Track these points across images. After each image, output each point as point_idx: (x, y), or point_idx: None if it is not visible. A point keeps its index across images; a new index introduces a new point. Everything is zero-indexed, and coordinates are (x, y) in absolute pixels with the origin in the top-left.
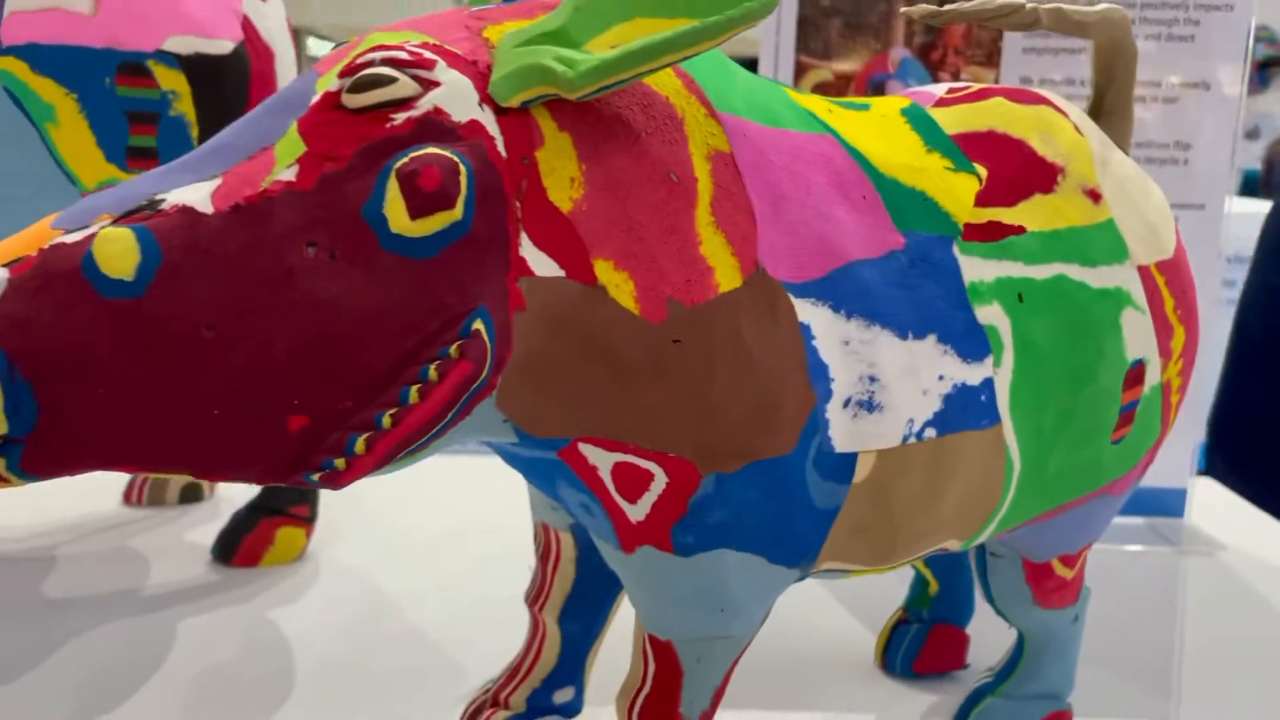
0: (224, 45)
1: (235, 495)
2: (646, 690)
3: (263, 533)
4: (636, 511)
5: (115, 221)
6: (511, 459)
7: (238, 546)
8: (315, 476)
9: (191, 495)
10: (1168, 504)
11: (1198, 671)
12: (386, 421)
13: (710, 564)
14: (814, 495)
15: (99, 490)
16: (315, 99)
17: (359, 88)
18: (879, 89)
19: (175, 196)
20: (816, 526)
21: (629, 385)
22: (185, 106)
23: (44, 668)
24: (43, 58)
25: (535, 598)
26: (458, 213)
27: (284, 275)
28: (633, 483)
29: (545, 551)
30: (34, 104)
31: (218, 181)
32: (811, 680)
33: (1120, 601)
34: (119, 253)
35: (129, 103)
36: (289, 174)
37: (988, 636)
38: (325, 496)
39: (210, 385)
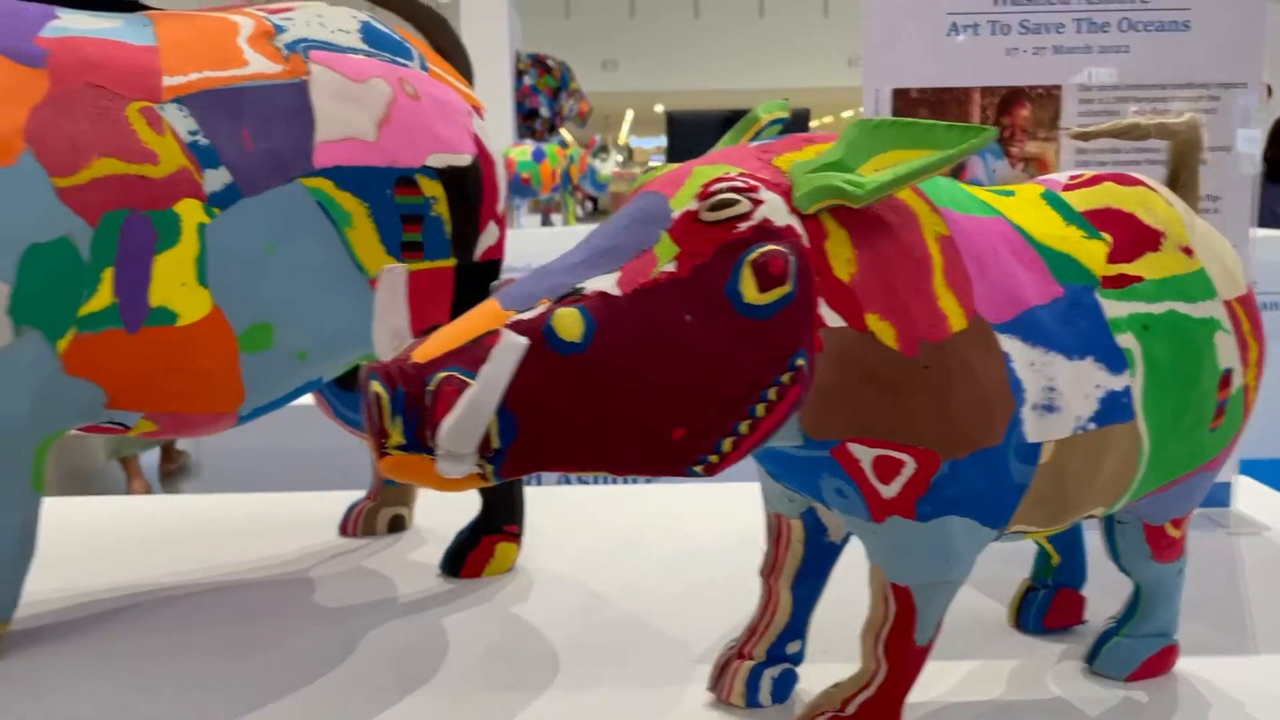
0: (466, 158)
1: (432, 524)
2: (889, 624)
3: (484, 548)
4: (889, 490)
5: (557, 303)
6: (773, 461)
7: (464, 561)
8: (697, 468)
9: (398, 525)
10: (1217, 496)
11: (1254, 620)
12: (744, 429)
13: (941, 527)
14: (1013, 474)
15: (319, 524)
16: (676, 214)
17: (715, 208)
18: (961, 165)
19: (591, 285)
20: (1013, 497)
21: (891, 400)
22: (441, 208)
23: (335, 669)
24: (344, 177)
25: (769, 571)
26: (789, 287)
27: (672, 334)
28: (888, 469)
29: (777, 535)
30: (337, 212)
31: (618, 274)
32: (965, 638)
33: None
34: (570, 324)
35: (403, 207)
36: (670, 267)
37: (1096, 599)
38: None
39: (626, 409)
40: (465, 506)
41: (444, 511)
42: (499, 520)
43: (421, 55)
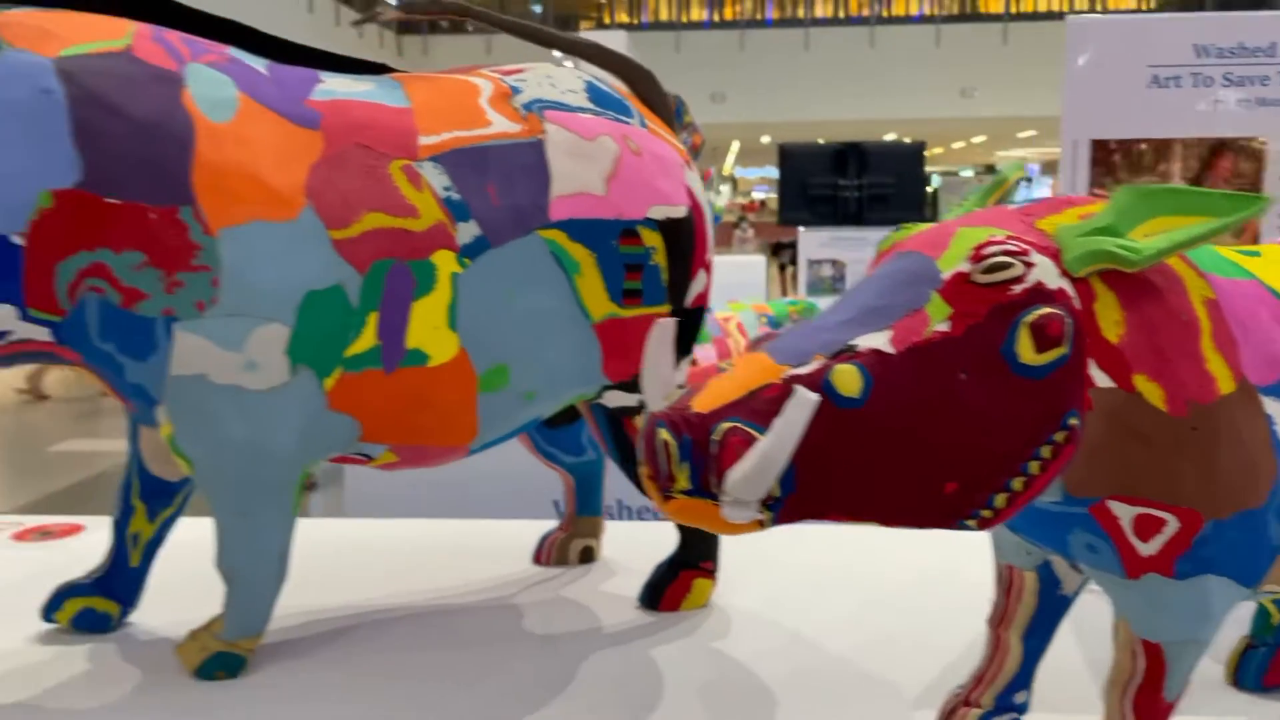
0: (682, 210)
1: (618, 556)
2: (1138, 680)
3: (683, 583)
4: (1147, 548)
5: (832, 359)
6: (1021, 516)
7: (663, 595)
8: (970, 523)
9: (588, 556)
10: None
11: None
12: (1017, 485)
13: (1198, 585)
14: (1272, 535)
15: (510, 551)
16: (946, 276)
17: (989, 270)
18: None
19: (864, 343)
20: (1269, 557)
21: (1157, 460)
22: (660, 257)
23: (561, 695)
24: (575, 228)
25: (999, 621)
26: (1065, 348)
27: (945, 392)
28: (1149, 528)
29: (1009, 586)
30: (568, 261)
31: (890, 332)
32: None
33: None
34: (849, 381)
35: (626, 257)
36: (943, 326)
37: None
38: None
39: (901, 463)
40: (647, 542)
41: (630, 545)
42: (696, 557)
43: (640, 113)
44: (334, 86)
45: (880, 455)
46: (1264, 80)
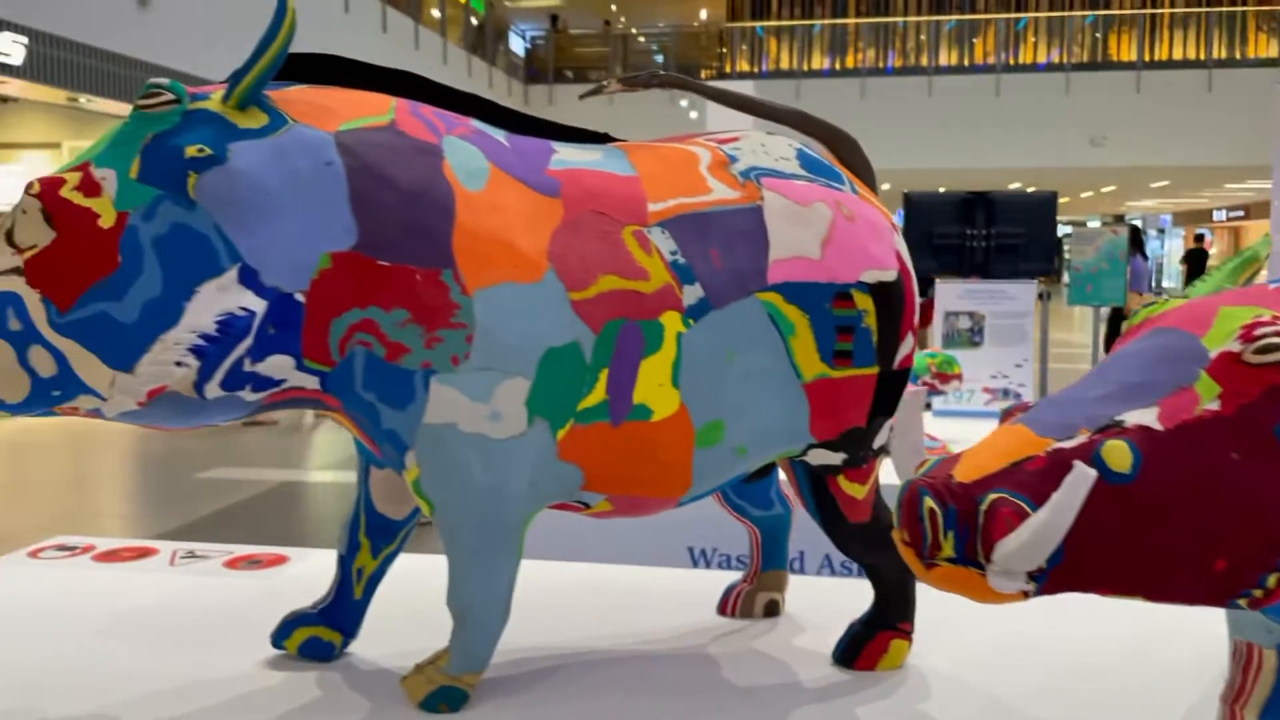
0: (892, 274)
1: (798, 610)
2: None
3: (880, 643)
4: None
5: (1099, 434)
6: None
7: (860, 654)
8: (1241, 602)
9: (772, 610)
10: None
11: None
12: None
13: None
14: None
15: (693, 600)
16: (1213, 354)
17: (1263, 351)
18: None
19: (1131, 418)
20: None
21: None
22: (871, 320)
23: None
24: (791, 291)
25: (1234, 698)
26: None
27: (1216, 470)
28: None
29: (1246, 663)
30: (784, 323)
31: (1156, 409)
32: None
33: None
34: (1120, 457)
35: (839, 319)
36: (1213, 405)
37: None
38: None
39: (1168, 540)
40: (830, 598)
41: (814, 601)
42: (895, 618)
43: (849, 178)
44: (567, 156)
45: (1149, 532)
46: None
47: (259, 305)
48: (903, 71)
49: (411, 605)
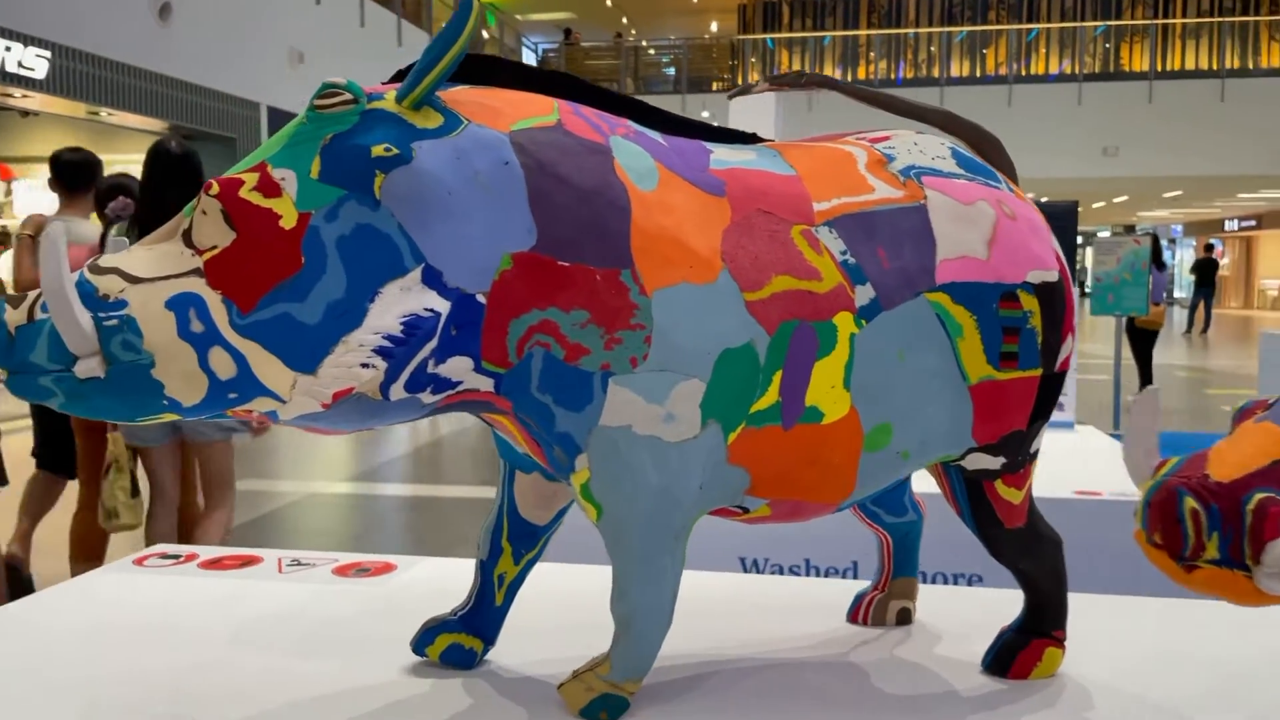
0: (1054, 274)
1: (928, 621)
2: None
3: (1034, 651)
4: None
5: None
6: None
7: (1014, 662)
8: None
9: (905, 618)
10: None
11: None
12: None
13: None
14: None
15: (820, 609)
16: None
17: None
18: None
19: None
20: None
21: None
22: (1036, 321)
23: None
24: (959, 291)
25: None
26: None
27: None
28: None
29: None
30: (951, 324)
31: None
32: None
33: None
34: None
35: (1005, 320)
36: None
37: None
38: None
39: None
40: (956, 605)
41: (941, 608)
42: (1050, 625)
43: (1004, 178)
44: (724, 156)
45: None
46: None
47: (443, 306)
48: (914, 83)
49: (547, 611)
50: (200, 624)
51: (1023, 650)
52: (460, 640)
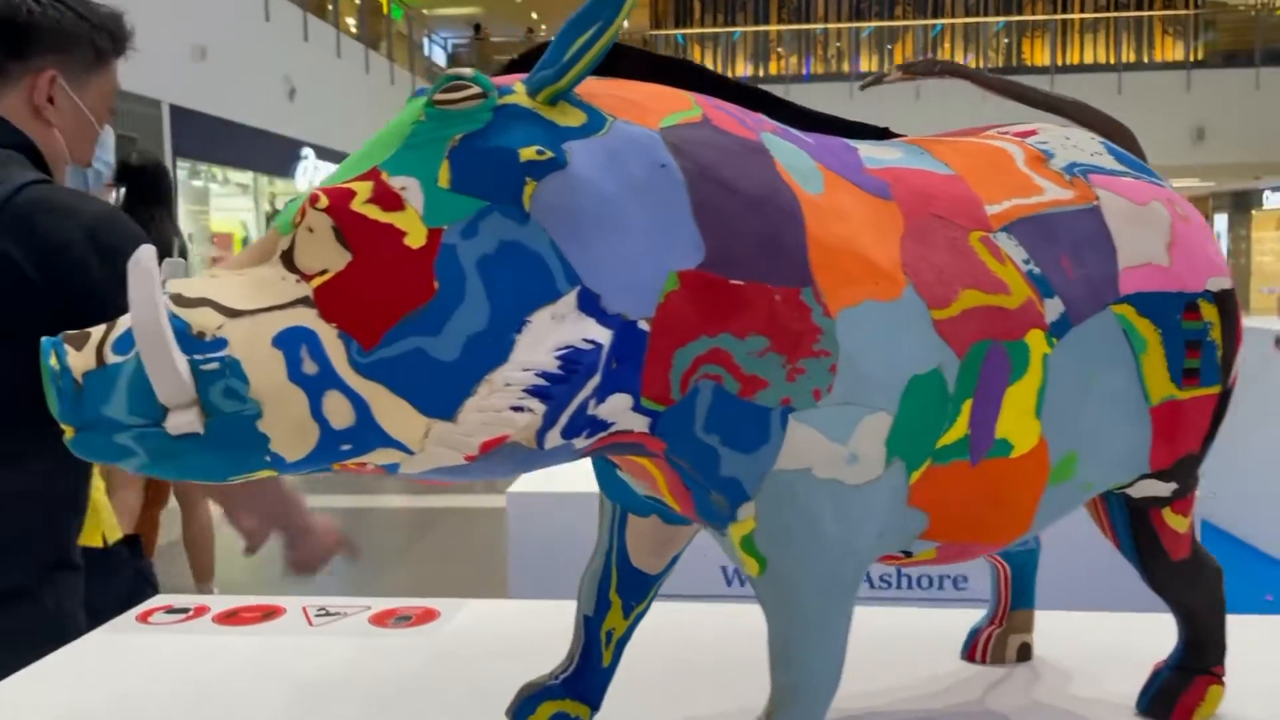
0: (1228, 281)
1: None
2: None
3: (1197, 691)
4: None
5: None
6: None
7: (1175, 705)
8: None
9: (1025, 654)
10: None
11: None
12: None
13: None
14: None
15: (934, 643)
16: None
17: None
18: None
19: None
20: None
21: None
22: (1216, 333)
23: None
24: (1143, 302)
25: None
26: None
27: None
28: None
29: None
30: (1136, 339)
31: None
32: None
33: None
34: None
35: (1188, 333)
36: None
37: None
38: None
39: None
40: (1069, 636)
41: (1057, 641)
42: (1209, 660)
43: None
44: (873, 154)
45: None
46: None
47: (604, 336)
48: (823, 78)
49: (638, 659)
50: (229, 695)
51: (1185, 691)
52: (565, 708)
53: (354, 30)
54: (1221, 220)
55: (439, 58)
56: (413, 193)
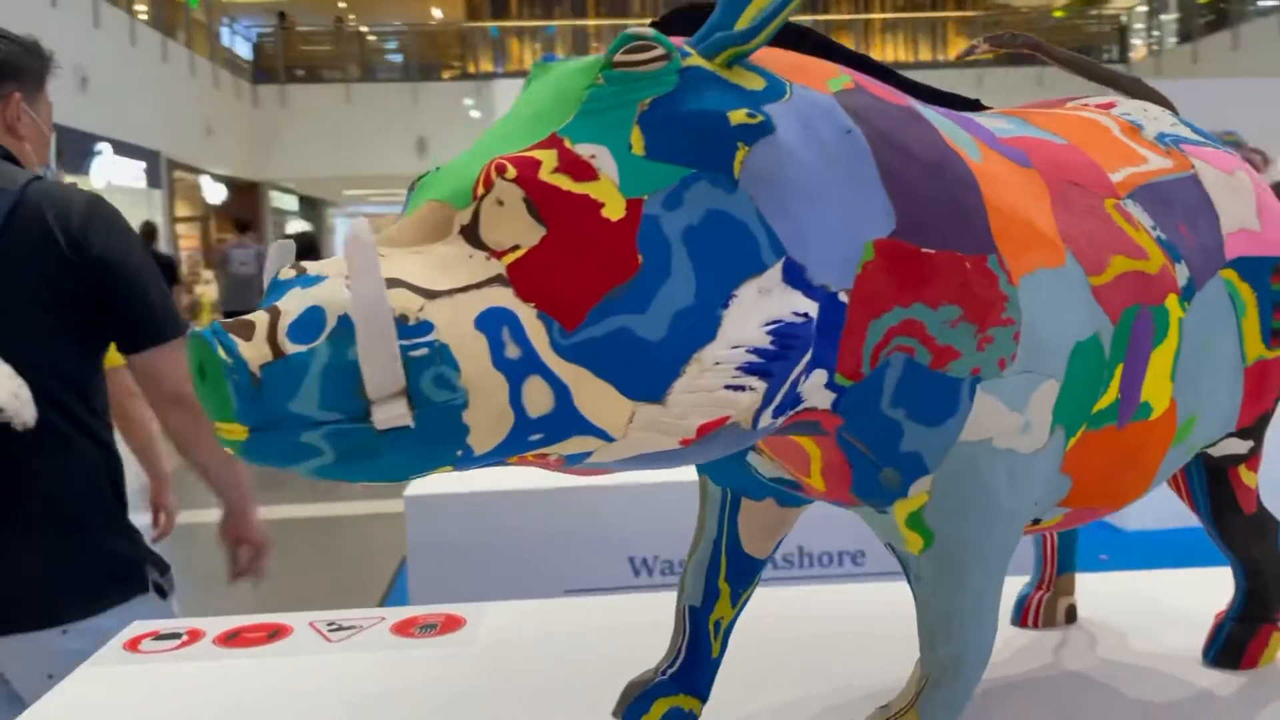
0: None
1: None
2: None
3: (1263, 638)
4: None
5: None
6: None
7: (1244, 652)
8: None
9: (1072, 615)
10: None
11: None
12: None
13: None
14: None
15: None
16: None
17: None
18: None
19: None
20: None
21: None
22: None
23: None
24: (1243, 267)
25: None
26: None
27: None
28: None
29: None
30: (1238, 303)
31: None
32: None
33: None
34: None
35: (1276, 294)
36: None
37: None
38: None
39: None
40: (1107, 594)
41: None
42: (1273, 609)
43: None
44: (995, 124)
45: None
46: None
47: (812, 309)
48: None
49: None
50: None
51: (1252, 639)
52: (679, 703)
53: (146, 16)
54: None
55: (242, 49)
56: (604, 161)
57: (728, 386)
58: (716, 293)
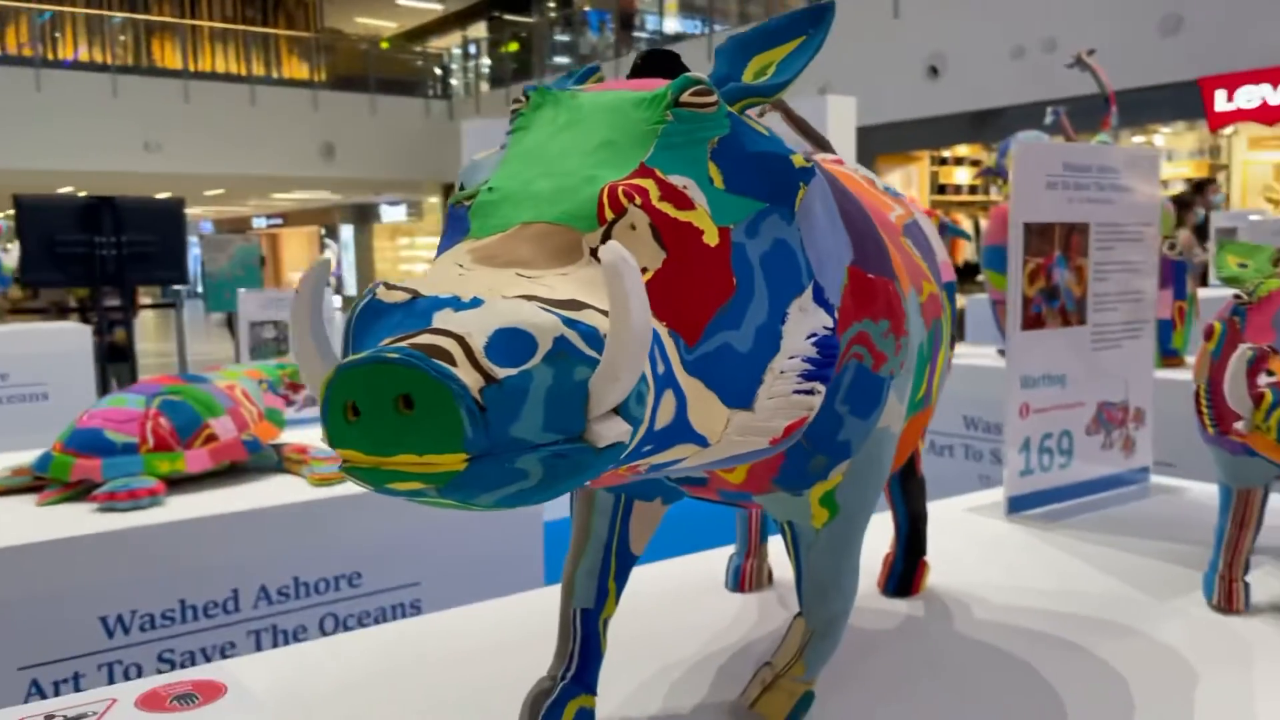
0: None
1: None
2: None
3: (922, 570)
4: None
5: None
6: None
7: (913, 583)
8: None
9: (770, 578)
10: None
11: None
12: None
13: None
14: None
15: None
16: None
17: None
18: None
19: None
20: None
21: None
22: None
23: None
24: (949, 289)
25: None
26: None
27: None
28: None
29: None
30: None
31: None
32: None
33: None
34: None
35: (952, 307)
36: None
37: None
38: None
39: None
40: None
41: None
42: (924, 548)
43: None
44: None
45: None
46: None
47: (831, 323)
48: None
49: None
50: None
51: (916, 573)
52: (584, 703)
53: None
54: (348, 231)
55: None
56: (695, 192)
57: (796, 391)
58: (779, 310)
